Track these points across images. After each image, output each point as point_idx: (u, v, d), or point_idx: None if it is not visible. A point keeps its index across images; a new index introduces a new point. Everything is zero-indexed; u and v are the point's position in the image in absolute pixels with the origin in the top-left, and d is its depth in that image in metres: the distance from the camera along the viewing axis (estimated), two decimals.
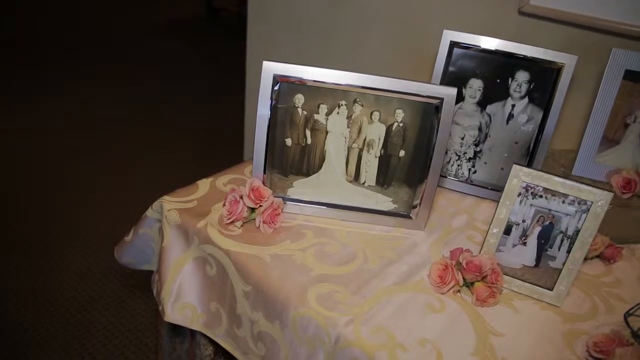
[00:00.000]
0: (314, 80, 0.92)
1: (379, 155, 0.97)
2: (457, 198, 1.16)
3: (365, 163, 0.98)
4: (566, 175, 1.11)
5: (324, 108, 0.95)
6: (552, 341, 0.82)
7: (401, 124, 0.95)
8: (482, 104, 1.13)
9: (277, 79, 0.92)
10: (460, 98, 1.14)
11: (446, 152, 1.17)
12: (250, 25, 1.88)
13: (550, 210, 0.85)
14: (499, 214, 0.87)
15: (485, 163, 1.16)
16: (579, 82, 1.26)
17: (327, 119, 0.95)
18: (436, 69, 1.14)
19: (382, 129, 0.95)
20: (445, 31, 1.13)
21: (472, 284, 0.87)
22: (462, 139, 1.16)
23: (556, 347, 0.81)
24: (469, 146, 1.16)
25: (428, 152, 0.95)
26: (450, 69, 1.13)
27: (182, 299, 0.98)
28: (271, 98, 0.93)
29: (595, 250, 1.00)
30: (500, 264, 0.89)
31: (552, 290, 0.88)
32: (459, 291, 0.87)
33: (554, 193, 0.84)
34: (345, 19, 1.64)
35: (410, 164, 0.97)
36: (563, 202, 0.84)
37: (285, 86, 0.93)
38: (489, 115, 1.14)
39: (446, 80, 1.14)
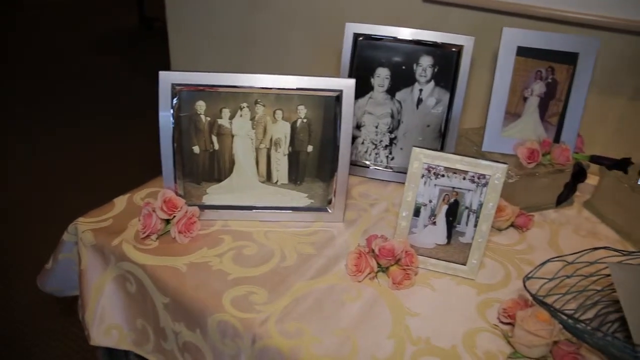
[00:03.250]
0: (212, 86, 0.92)
1: (287, 153, 0.98)
2: (378, 186, 1.18)
3: (275, 162, 0.98)
4: (478, 153, 1.15)
5: (226, 112, 0.94)
6: (467, 313, 0.84)
7: (305, 120, 0.96)
8: (392, 91, 1.16)
9: (176, 88, 0.92)
10: (369, 88, 1.16)
11: (363, 142, 1.19)
12: (171, 34, 1.86)
13: (453, 188, 0.88)
14: (406, 197, 0.89)
15: (401, 149, 1.18)
16: (482, 62, 1.30)
17: (231, 123, 0.95)
18: (343, 61, 1.16)
19: (287, 127, 0.96)
20: (347, 24, 1.14)
21: (388, 268, 0.89)
22: (377, 127, 1.18)
23: (471, 319, 0.83)
24: (384, 134, 1.18)
25: (335, 144, 0.96)
26: (357, 60, 1.15)
27: (107, 321, 0.96)
28: (172, 107, 0.92)
29: (507, 220, 1.03)
30: (414, 246, 0.91)
31: (465, 264, 0.91)
32: (375, 277, 0.89)
33: (454, 171, 0.87)
34: (265, 23, 1.64)
35: (319, 158, 0.98)
36: (464, 178, 0.87)
37: (185, 94, 0.93)
38: (399, 102, 1.16)
39: (354, 72, 1.15)
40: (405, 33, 1.13)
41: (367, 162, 1.20)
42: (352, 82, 0.94)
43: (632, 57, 1.19)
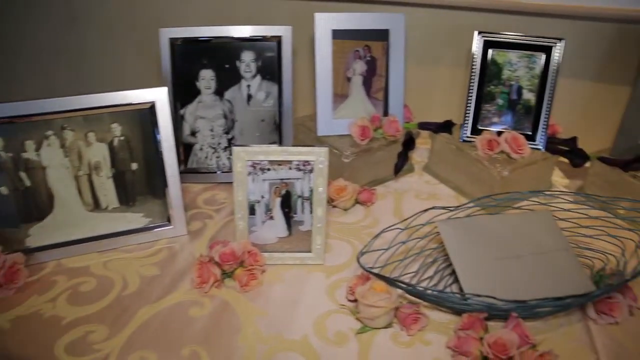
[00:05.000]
0: (5, 118, 0.83)
1: (110, 175, 0.92)
2: (225, 190, 1.15)
3: (100, 187, 0.92)
4: (316, 139, 1.16)
5: (30, 144, 0.86)
6: (317, 299, 0.85)
7: (122, 138, 0.90)
8: (220, 92, 1.13)
9: None
10: (197, 92, 1.13)
11: (201, 148, 1.16)
12: None
13: (282, 179, 0.88)
14: (237, 198, 0.88)
15: None
16: (306, 50, 1.32)
17: (39, 155, 0.87)
18: (163, 69, 1.11)
19: (104, 148, 0.90)
20: (161, 30, 1.10)
21: (233, 272, 0.87)
22: (212, 130, 1.15)
23: (321, 304, 0.84)
24: (221, 136, 1.16)
25: (159, 156, 0.92)
26: (178, 65, 1.11)
27: None
28: None
29: (349, 199, 1.06)
30: (257, 244, 0.90)
31: (311, 251, 0.92)
32: (222, 284, 0.87)
33: (279, 163, 0.87)
34: (87, 35, 1.52)
35: (147, 175, 0.94)
36: (290, 168, 0.87)
37: None
38: (230, 101, 1.14)
39: (177, 79, 1.11)
40: (222, 31, 1.11)
41: (211, 167, 1.17)
42: (163, 90, 0.90)
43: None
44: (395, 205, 1.11)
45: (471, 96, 1.13)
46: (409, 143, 1.15)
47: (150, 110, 0.90)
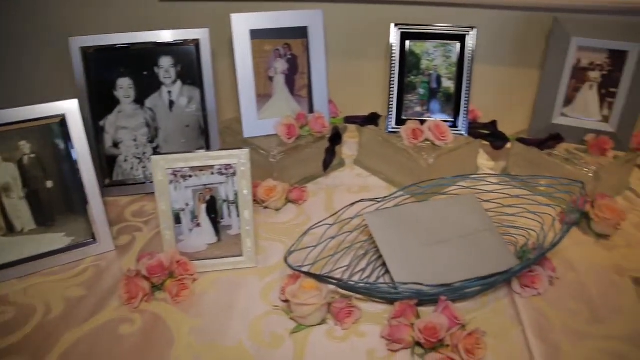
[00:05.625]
0: None
1: (23, 195, 0.87)
2: (153, 201, 1.11)
3: (13, 209, 0.87)
4: (243, 141, 1.15)
5: None
6: (252, 302, 0.84)
7: (32, 155, 0.86)
8: (140, 100, 1.10)
9: None
10: (115, 102, 1.09)
11: (126, 160, 1.12)
12: None
13: (205, 185, 0.86)
14: (160, 208, 0.86)
15: None
16: (227, 51, 1.30)
17: None
18: (77, 80, 1.07)
19: (13, 168, 0.85)
20: (70, 39, 1.05)
21: (163, 284, 0.85)
22: (135, 140, 1.12)
23: (256, 306, 0.83)
24: (145, 145, 1.12)
25: (75, 172, 0.88)
26: (94, 75, 1.07)
27: None
28: None
29: (279, 199, 1.05)
30: (186, 253, 0.88)
31: (242, 255, 0.91)
32: (152, 298, 0.84)
33: (200, 168, 0.85)
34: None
35: (64, 191, 0.90)
36: (212, 173, 0.85)
37: None
38: (151, 109, 1.11)
39: (93, 89, 1.07)
40: (137, 37, 1.08)
41: (138, 179, 1.13)
42: (74, 102, 0.86)
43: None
44: (327, 201, 1.11)
45: (393, 87, 1.15)
46: (335, 138, 1.15)
47: (61, 124, 0.86)
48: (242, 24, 1.11)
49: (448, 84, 1.16)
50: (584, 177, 1.07)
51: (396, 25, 1.14)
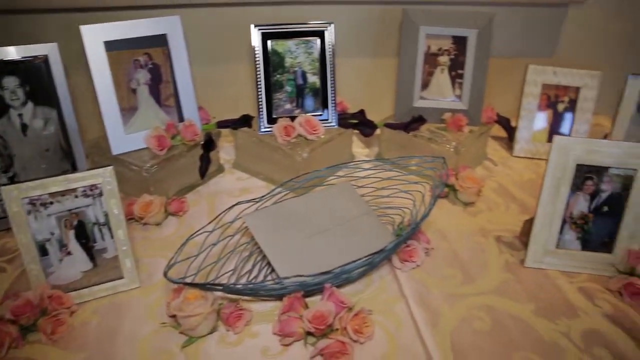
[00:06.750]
0: None
1: None
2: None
3: None
4: (112, 159, 1.09)
5: None
6: (138, 323, 0.80)
7: None
8: None
9: None
10: None
11: None
12: None
13: (69, 210, 0.81)
14: (21, 242, 0.79)
15: None
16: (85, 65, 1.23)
17: None
18: None
19: None
20: None
21: (35, 323, 0.78)
22: None
23: (143, 326, 0.80)
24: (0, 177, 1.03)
25: None
26: None
27: None
28: None
29: (157, 212, 1.02)
30: (59, 285, 0.82)
31: (123, 277, 0.87)
32: (22, 342, 0.77)
33: (62, 193, 0.80)
34: None
35: None
36: (76, 196, 0.80)
37: None
38: (1, 136, 1.01)
39: None
40: None
41: None
42: None
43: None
44: (209, 208, 1.10)
45: (260, 87, 1.16)
46: (208, 144, 1.14)
47: None
48: (95, 35, 1.05)
49: (313, 79, 1.20)
50: (447, 153, 1.16)
51: (256, 26, 1.15)
